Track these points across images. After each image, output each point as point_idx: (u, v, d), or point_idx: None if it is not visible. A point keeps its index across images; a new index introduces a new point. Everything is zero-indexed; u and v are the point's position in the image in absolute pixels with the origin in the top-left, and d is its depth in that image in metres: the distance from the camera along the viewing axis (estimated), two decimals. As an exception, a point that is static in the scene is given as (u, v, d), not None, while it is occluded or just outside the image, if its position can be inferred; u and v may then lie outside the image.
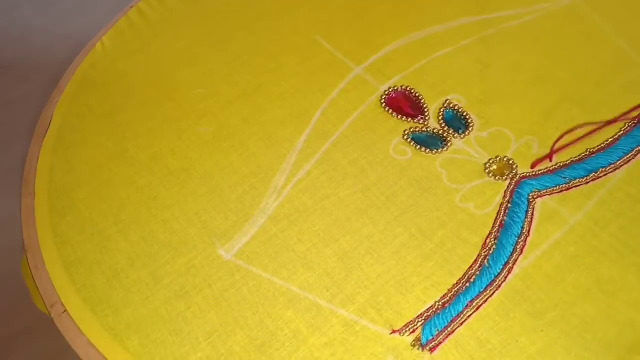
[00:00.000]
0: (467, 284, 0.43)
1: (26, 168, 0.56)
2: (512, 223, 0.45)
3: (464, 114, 0.53)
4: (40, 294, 0.47)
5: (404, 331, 0.41)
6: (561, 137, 0.50)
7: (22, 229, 0.51)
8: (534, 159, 0.49)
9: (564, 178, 0.47)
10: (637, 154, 0.48)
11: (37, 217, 0.52)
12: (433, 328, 0.41)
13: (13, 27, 1.21)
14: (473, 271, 0.43)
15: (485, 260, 0.44)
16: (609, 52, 0.57)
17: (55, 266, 0.48)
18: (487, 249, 0.44)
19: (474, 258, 0.44)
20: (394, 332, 0.42)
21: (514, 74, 0.56)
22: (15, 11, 1.24)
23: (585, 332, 0.40)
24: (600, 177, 0.47)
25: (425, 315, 0.42)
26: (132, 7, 0.70)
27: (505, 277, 0.43)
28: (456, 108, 0.53)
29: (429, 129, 0.52)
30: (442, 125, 0.52)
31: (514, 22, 0.61)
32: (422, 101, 0.54)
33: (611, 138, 0.50)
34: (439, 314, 0.42)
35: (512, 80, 0.56)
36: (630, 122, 0.50)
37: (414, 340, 0.41)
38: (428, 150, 0.51)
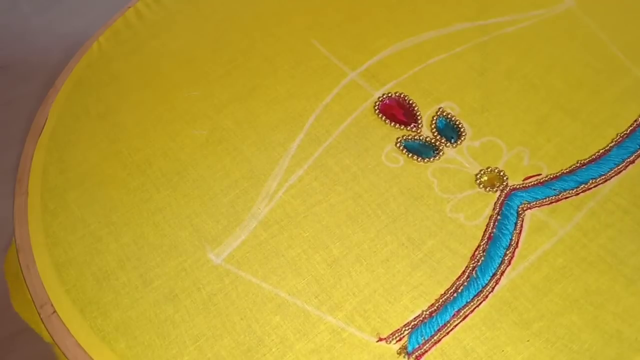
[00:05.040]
0: (455, 294, 0.43)
1: (20, 167, 0.56)
2: (501, 235, 0.45)
3: (457, 123, 0.53)
4: (30, 294, 0.47)
5: (390, 339, 0.42)
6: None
7: (14, 228, 0.51)
8: (524, 170, 0.49)
9: (554, 190, 0.47)
10: (628, 165, 0.48)
11: (29, 217, 0.52)
12: (419, 336, 0.41)
13: (13, 27, 1.21)
14: (461, 282, 0.44)
15: (473, 272, 0.44)
16: (603, 60, 0.57)
17: (45, 266, 0.48)
18: (476, 260, 0.45)
19: (462, 269, 0.44)
20: (380, 339, 0.42)
21: (507, 81, 0.56)
22: (15, 11, 1.25)
23: (571, 342, 0.40)
24: (591, 188, 0.47)
25: (412, 323, 0.42)
26: (129, 7, 0.70)
27: (493, 288, 0.43)
28: (449, 116, 0.53)
29: (421, 137, 0.53)
30: (435, 134, 0.52)
31: (509, 29, 0.61)
32: (416, 109, 0.54)
33: (602, 149, 0.50)
34: (425, 322, 0.42)
35: (505, 88, 0.56)
36: (622, 132, 0.50)
37: (400, 348, 0.41)
38: (420, 158, 0.51)
